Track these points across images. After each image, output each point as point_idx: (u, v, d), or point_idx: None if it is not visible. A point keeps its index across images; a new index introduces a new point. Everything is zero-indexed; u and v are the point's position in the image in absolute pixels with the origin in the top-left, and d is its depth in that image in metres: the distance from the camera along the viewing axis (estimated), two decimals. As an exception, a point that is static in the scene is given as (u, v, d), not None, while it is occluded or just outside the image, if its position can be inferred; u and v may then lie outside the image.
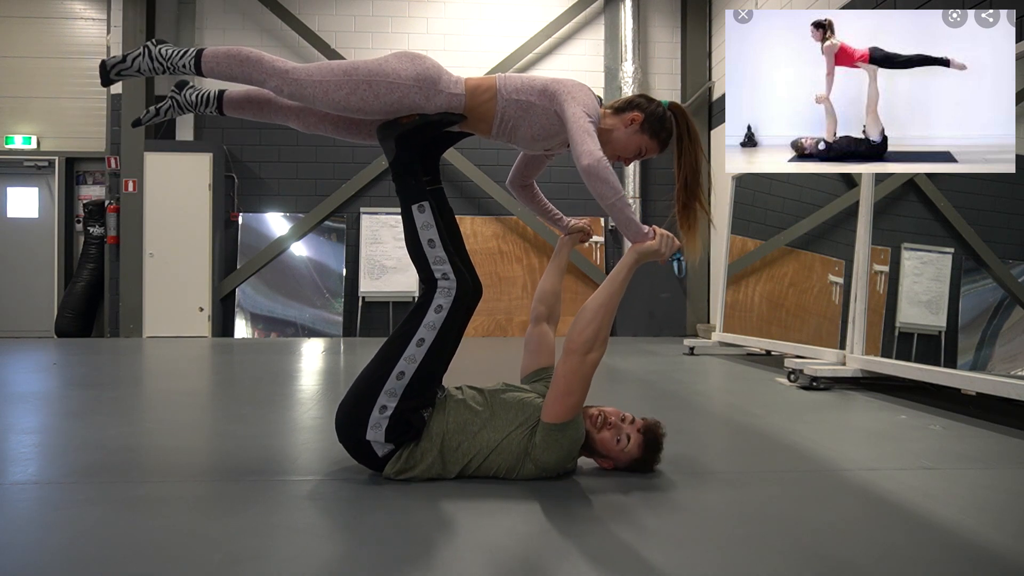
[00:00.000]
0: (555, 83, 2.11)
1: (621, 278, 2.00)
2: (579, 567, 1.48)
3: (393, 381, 1.97)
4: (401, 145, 2.07)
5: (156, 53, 2.13)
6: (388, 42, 8.42)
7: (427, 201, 2.05)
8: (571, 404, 1.94)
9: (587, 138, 1.97)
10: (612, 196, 1.96)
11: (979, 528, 1.72)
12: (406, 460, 2.00)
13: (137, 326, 7.88)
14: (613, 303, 1.97)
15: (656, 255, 2.04)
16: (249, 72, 2.07)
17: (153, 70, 2.14)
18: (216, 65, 2.08)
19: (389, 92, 2.04)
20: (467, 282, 2.05)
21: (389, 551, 1.55)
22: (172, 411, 3.36)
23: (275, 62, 2.07)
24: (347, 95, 2.03)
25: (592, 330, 1.94)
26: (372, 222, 8.28)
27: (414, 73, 2.05)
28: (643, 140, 2.17)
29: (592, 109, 2.05)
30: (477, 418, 2.02)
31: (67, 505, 1.86)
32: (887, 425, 3.03)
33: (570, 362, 1.93)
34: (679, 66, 8.65)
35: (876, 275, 4.59)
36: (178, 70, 2.12)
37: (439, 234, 2.04)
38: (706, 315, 8.39)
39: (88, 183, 8.63)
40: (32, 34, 8.40)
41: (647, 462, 2.11)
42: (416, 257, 2.05)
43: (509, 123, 2.13)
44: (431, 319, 2.00)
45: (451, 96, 2.09)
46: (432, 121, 2.09)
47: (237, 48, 2.09)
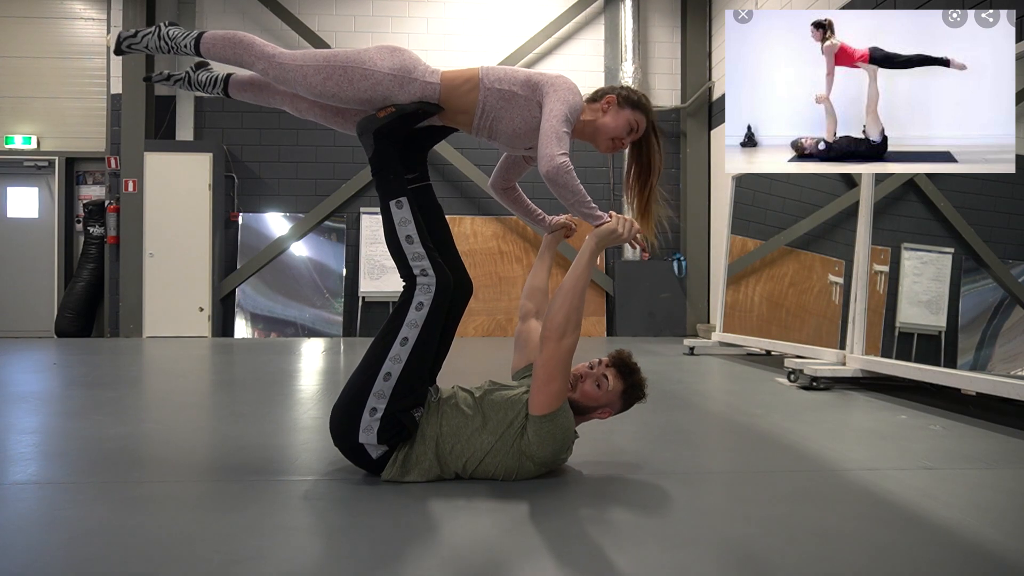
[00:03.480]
0: (540, 76, 2.12)
1: (584, 262, 2.03)
2: (575, 567, 1.48)
3: (380, 383, 1.97)
4: (379, 140, 2.07)
5: (164, 33, 2.22)
6: (388, 42, 8.41)
7: (404, 197, 2.05)
8: (555, 391, 1.95)
9: (552, 141, 1.99)
10: (571, 198, 2.02)
11: (979, 528, 1.72)
12: (402, 464, 2.00)
13: (137, 326, 7.88)
14: (579, 287, 2.00)
15: (614, 236, 2.06)
16: (240, 55, 2.14)
17: (159, 48, 2.23)
18: (213, 47, 2.17)
19: (363, 79, 2.06)
20: (446, 277, 2.04)
21: (388, 550, 1.55)
22: (172, 411, 3.36)
23: (265, 47, 2.13)
24: (323, 80, 2.07)
25: (563, 315, 1.96)
26: (372, 222, 8.28)
27: (390, 64, 2.08)
28: (627, 114, 2.17)
29: (574, 106, 2.06)
30: (470, 423, 2.01)
31: (67, 505, 1.86)
32: (887, 425, 3.03)
33: (547, 349, 1.95)
34: (679, 66, 8.65)
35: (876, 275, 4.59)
36: (180, 50, 2.21)
37: (417, 230, 2.04)
38: (706, 315, 8.39)
39: (88, 183, 8.63)
40: (32, 34, 8.40)
41: (634, 387, 2.11)
42: (395, 253, 2.06)
43: (491, 115, 2.12)
44: (413, 317, 2.00)
45: (425, 85, 2.09)
46: (408, 113, 2.08)
47: (233, 32, 2.18)
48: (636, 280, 8.28)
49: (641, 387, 2.13)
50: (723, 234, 6.30)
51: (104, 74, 8.34)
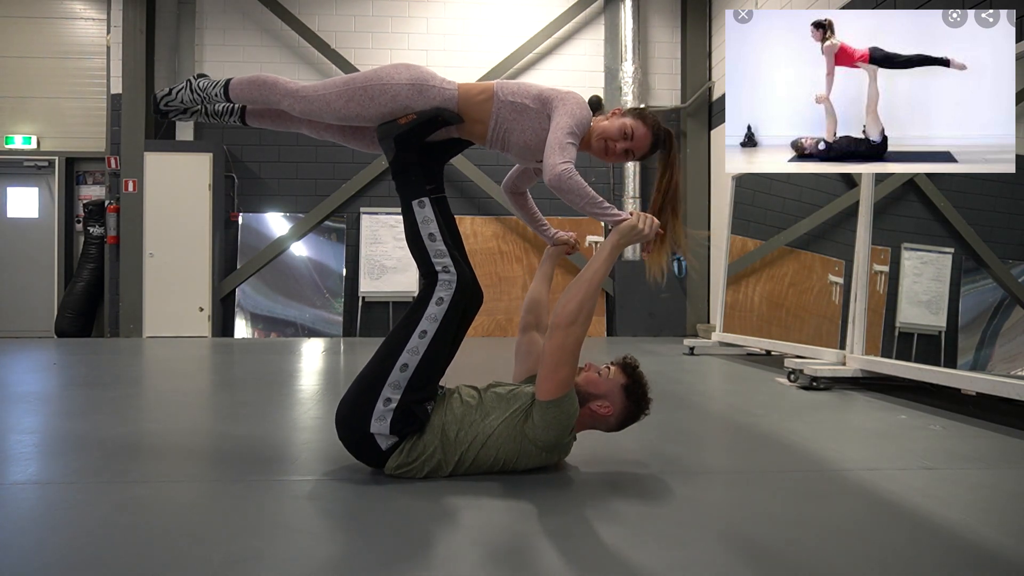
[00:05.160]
0: (552, 91, 2.19)
1: (604, 256, 2.05)
2: (576, 565, 1.48)
3: (397, 373, 2.00)
4: (400, 144, 2.14)
5: (195, 85, 2.40)
6: (388, 42, 8.43)
7: (426, 197, 2.12)
8: (562, 378, 1.97)
9: (555, 151, 2.05)
10: (581, 201, 2.06)
11: (979, 528, 1.72)
12: (408, 453, 2.02)
13: (137, 326, 7.88)
14: (596, 279, 2.02)
15: (636, 232, 2.07)
16: (266, 95, 2.29)
17: (193, 101, 2.42)
18: (241, 91, 2.34)
19: (383, 94, 2.16)
20: (467, 275, 2.10)
21: (388, 550, 1.55)
22: (172, 411, 3.36)
23: (288, 84, 2.27)
24: (346, 103, 2.17)
25: (575, 304, 1.98)
26: (372, 222, 8.28)
27: (407, 76, 2.18)
28: (626, 120, 2.20)
29: (581, 120, 2.11)
30: (474, 411, 2.06)
31: (67, 505, 1.86)
32: (887, 425, 3.03)
33: (556, 337, 1.97)
34: (679, 66, 8.65)
35: (876, 275, 4.59)
36: (212, 99, 2.40)
37: (439, 228, 2.11)
38: (706, 315, 8.39)
39: (88, 183, 8.63)
40: (32, 34, 8.40)
41: (636, 383, 2.13)
42: (417, 251, 2.11)
43: (503, 127, 2.19)
44: (433, 311, 2.05)
45: (443, 91, 2.18)
46: (429, 118, 2.14)
47: (256, 75, 2.34)
48: (636, 280, 8.28)
49: (643, 388, 2.13)
50: (723, 234, 6.30)
51: (104, 74, 8.33)
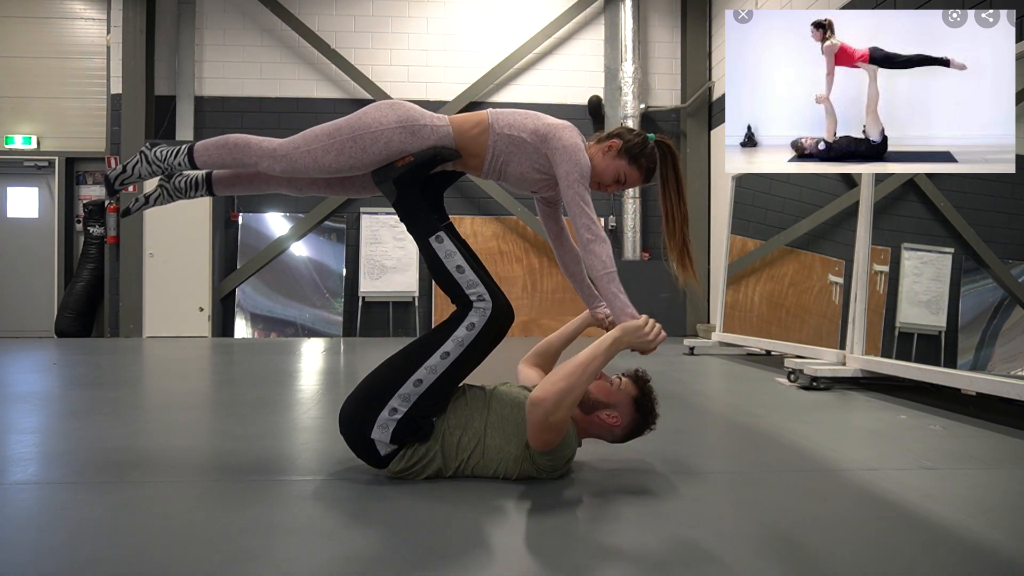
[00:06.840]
0: (547, 127, 2.11)
1: (603, 348, 1.93)
2: (578, 565, 1.48)
3: (409, 386, 1.96)
4: (400, 186, 2.07)
5: (152, 157, 2.21)
6: (388, 42, 8.42)
7: (442, 231, 2.05)
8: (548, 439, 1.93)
9: (584, 210, 2.04)
10: (601, 270, 2.04)
11: (979, 528, 1.72)
12: (410, 458, 2.01)
13: (137, 326, 7.88)
14: (590, 368, 1.90)
15: (640, 336, 1.97)
16: (240, 157, 2.12)
17: (152, 172, 2.21)
18: (208, 157, 2.14)
19: (375, 142, 2.05)
20: (503, 302, 2.04)
21: (389, 551, 1.55)
22: (172, 411, 3.36)
23: (262, 143, 2.10)
24: (336, 157, 2.06)
25: (565, 387, 1.86)
26: (372, 222, 8.28)
27: (395, 117, 2.07)
28: (621, 165, 2.16)
29: (585, 167, 2.07)
30: (477, 415, 2.03)
31: (67, 505, 1.86)
32: (887, 425, 3.03)
33: (535, 413, 1.86)
34: (679, 66, 8.65)
35: (876, 275, 4.59)
36: (175, 168, 2.20)
37: (465, 259, 2.04)
38: (706, 315, 8.39)
39: (88, 183, 8.63)
40: (32, 34, 8.40)
41: (647, 396, 2.11)
42: (447, 285, 2.04)
43: (500, 158, 2.14)
44: (461, 335, 1.99)
45: (436, 129, 2.09)
46: (428, 159, 2.08)
47: (223, 137, 2.14)
48: (636, 280, 8.28)
49: (652, 400, 2.12)
50: (723, 234, 6.30)
51: (104, 74, 8.33)
